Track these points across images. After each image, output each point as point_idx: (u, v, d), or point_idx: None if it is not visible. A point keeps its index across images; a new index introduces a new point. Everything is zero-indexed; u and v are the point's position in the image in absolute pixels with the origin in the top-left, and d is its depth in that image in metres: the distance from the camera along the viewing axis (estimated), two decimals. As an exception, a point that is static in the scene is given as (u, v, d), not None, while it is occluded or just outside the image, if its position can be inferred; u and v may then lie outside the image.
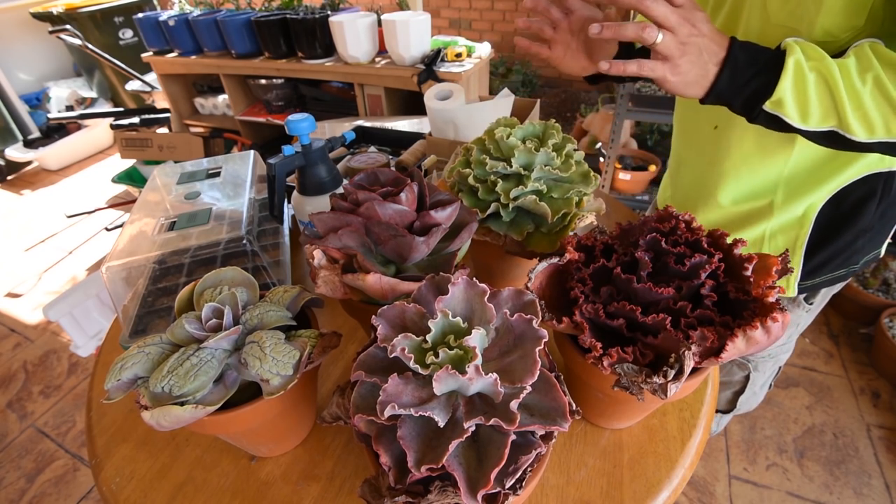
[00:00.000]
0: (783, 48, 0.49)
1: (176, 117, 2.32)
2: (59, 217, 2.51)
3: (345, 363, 0.63)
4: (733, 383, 0.94)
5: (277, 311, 0.45)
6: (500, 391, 0.32)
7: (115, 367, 0.39)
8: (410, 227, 0.47)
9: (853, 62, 0.47)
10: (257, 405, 0.41)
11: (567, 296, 0.43)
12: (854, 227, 0.65)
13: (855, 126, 0.48)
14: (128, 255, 0.62)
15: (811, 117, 0.49)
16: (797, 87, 0.48)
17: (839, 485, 1.27)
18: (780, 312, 0.35)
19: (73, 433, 1.51)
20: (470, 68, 1.73)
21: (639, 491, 0.48)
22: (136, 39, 3.04)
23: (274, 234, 0.77)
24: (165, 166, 0.84)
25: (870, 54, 0.47)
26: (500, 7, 2.90)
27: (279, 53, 1.96)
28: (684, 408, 0.55)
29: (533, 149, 0.55)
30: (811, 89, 0.48)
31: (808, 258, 0.68)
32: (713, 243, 0.42)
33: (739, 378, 0.93)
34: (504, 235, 0.58)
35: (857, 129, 0.48)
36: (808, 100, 0.48)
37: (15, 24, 3.09)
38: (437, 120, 0.91)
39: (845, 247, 0.67)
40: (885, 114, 0.47)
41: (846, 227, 0.65)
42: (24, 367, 1.74)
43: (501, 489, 0.33)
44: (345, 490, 0.49)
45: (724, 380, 0.95)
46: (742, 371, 0.91)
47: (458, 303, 0.38)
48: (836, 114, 0.48)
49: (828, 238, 0.66)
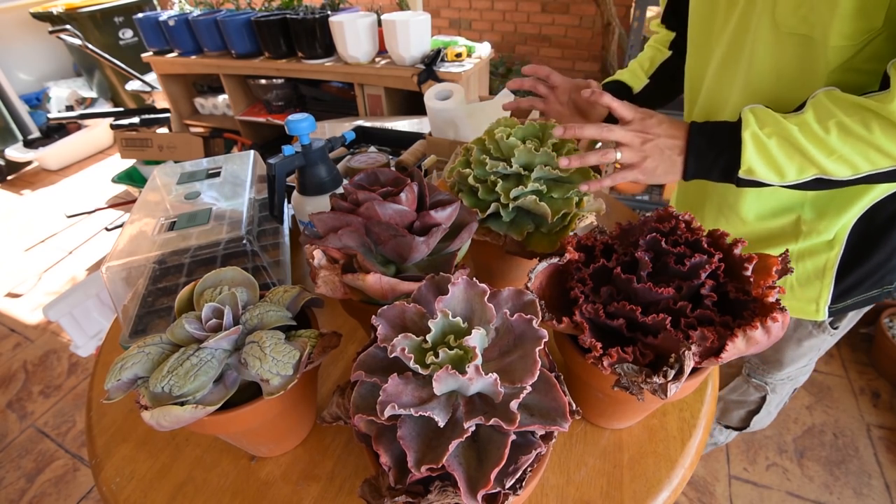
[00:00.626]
0: (739, 119, 0.51)
1: (176, 117, 2.32)
2: (59, 217, 2.51)
3: (345, 363, 0.63)
4: (749, 403, 0.93)
5: (277, 311, 0.45)
6: (500, 391, 0.32)
7: (115, 367, 0.39)
8: (410, 227, 0.47)
9: (811, 115, 0.48)
10: (257, 405, 0.41)
11: (567, 296, 0.43)
12: (888, 245, 0.62)
13: (836, 169, 0.48)
14: (128, 255, 0.62)
15: (787, 174, 0.50)
16: (762, 154, 0.50)
17: (839, 485, 1.27)
18: (780, 312, 0.35)
19: (73, 433, 1.51)
20: (470, 68, 1.73)
21: (639, 491, 0.48)
22: (136, 39, 3.04)
23: (274, 234, 0.77)
24: (165, 166, 0.84)
25: (826, 102, 0.48)
26: (500, 7, 2.90)
27: (279, 53, 1.96)
28: (684, 408, 0.55)
29: (533, 149, 0.55)
30: (775, 152, 0.49)
31: (840, 279, 0.65)
32: (713, 243, 0.42)
33: (756, 398, 0.91)
34: (504, 235, 0.58)
35: (839, 171, 0.48)
36: (777, 161, 0.50)
37: (15, 24, 3.09)
38: (437, 120, 0.91)
39: (879, 265, 0.64)
40: (861, 150, 0.47)
41: (880, 245, 0.62)
42: (24, 367, 1.74)
43: (501, 489, 0.33)
44: (345, 490, 0.49)
45: (740, 399, 0.93)
46: (759, 392, 0.90)
47: (458, 303, 0.38)
48: (812, 164, 0.49)
49: (861, 257, 0.63)
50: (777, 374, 0.85)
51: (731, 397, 0.95)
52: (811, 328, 0.74)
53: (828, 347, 0.79)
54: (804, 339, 0.76)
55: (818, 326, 0.73)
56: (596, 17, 2.61)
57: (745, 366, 0.90)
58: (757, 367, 0.88)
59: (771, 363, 0.84)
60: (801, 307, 0.69)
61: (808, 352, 0.78)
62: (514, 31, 2.96)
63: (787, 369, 0.83)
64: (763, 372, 0.87)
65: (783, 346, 0.79)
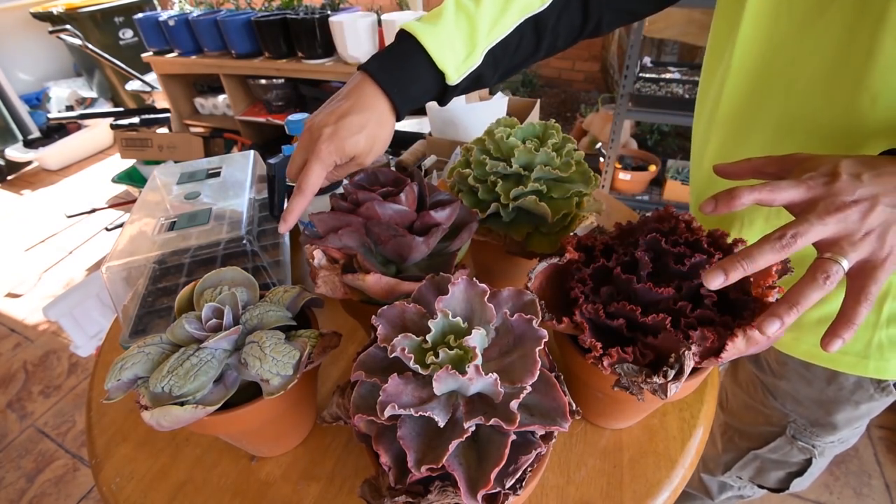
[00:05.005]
0: None
1: (176, 117, 2.32)
2: (59, 217, 2.51)
3: (345, 363, 0.63)
4: (790, 464, 0.78)
5: (277, 311, 0.45)
6: (500, 391, 0.32)
7: (115, 367, 0.39)
8: (410, 227, 0.47)
9: None
10: (257, 405, 0.41)
11: (567, 296, 0.43)
12: None
13: None
14: (128, 255, 0.62)
15: None
16: None
17: (839, 485, 1.27)
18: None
19: (73, 433, 1.51)
20: (470, 68, 1.73)
21: (639, 491, 0.48)
22: (136, 39, 3.04)
23: (274, 234, 0.77)
24: (165, 166, 0.84)
25: None
26: (500, 7, 2.90)
27: (279, 53, 1.96)
28: (684, 408, 0.55)
29: (533, 149, 0.55)
30: None
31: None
32: (713, 243, 0.42)
33: (799, 461, 0.76)
34: (504, 235, 0.58)
35: None
36: None
37: (15, 24, 3.09)
38: (437, 120, 0.91)
39: None
40: None
41: None
42: (24, 367, 1.74)
43: (501, 489, 0.33)
44: (345, 490, 0.49)
45: (780, 459, 0.78)
46: (803, 455, 0.75)
47: (458, 303, 0.38)
48: None
49: None
50: (828, 438, 0.71)
51: (769, 456, 0.79)
52: (873, 391, 0.61)
53: (882, 408, 0.65)
54: (863, 402, 0.63)
55: (881, 390, 0.60)
56: (596, 17, 2.60)
57: (789, 426, 0.74)
58: (804, 428, 0.72)
59: (822, 426, 0.70)
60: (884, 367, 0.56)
61: (864, 415, 0.66)
62: (514, 31, 2.95)
63: (840, 433, 0.69)
64: (811, 434, 0.72)
65: (837, 409, 0.66)
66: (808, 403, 0.69)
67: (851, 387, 0.61)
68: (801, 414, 0.71)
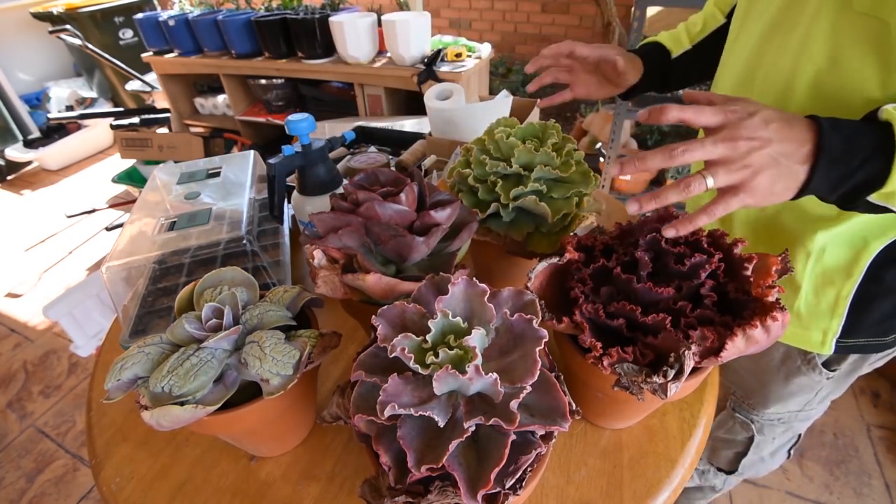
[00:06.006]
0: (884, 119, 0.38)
1: (176, 117, 2.32)
2: (59, 217, 2.51)
3: (345, 363, 0.63)
4: (736, 443, 0.83)
5: (277, 311, 0.45)
6: (500, 391, 0.32)
7: (115, 367, 0.39)
8: (410, 227, 0.47)
9: None
10: (257, 405, 0.41)
11: (567, 296, 0.43)
12: None
13: None
14: (128, 255, 0.62)
15: None
16: None
17: (839, 485, 1.27)
18: (780, 311, 0.35)
19: (73, 433, 1.51)
20: (470, 68, 1.73)
21: (639, 491, 0.48)
22: (136, 39, 3.04)
23: (274, 234, 0.77)
24: (165, 166, 0.84)
25: None
26: (500, 7, 2.90)
27: (279, 53, 1.96)
28: (684, 408, 0.55)
29: (533, 149, 0.55)
30: None
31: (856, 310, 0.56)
32: (713, 243, 0.42)
33: (742, 439, 0.81)
34: (504, 235, 0.58)
35: None
36: None
37: (15, 24, 3.09)
38: (437, 120, 0.91)
39: None
40: None
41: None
42: (24, 367, 1.74)
43: (501, 489, 0.33)
44: (345, 490, 0.49)
45: (727, 437, 0.84)
46: (745, 431, 0.79)
47: (458, 303, 0.38)
48: None
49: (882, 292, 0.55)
50: (763, 412, 0.76)
51: (718, 434, 0.86)
52: (800, 363, 0.65)
53: (825, 395, 0.70)
54: (792, 376, 0.68)
55: (808, 363, 0.65)
56: (596, 17, 2.61)
57: (729, 398, 0.81)
58: (742, 400, 0.79)
59: (755, 397, 0.76)
60: (803, 335, 0.61)
61: (797, 393, 0.70)
62: (514, 31, 2.96)
63: (773, 408, 0.74)
64: (748, 407, 0.78)
65: (768, 379, 0.71)
66: (744, 373, 0.75)
67: (781, 356, 0.67)
68: (738, 384, 0.78)
